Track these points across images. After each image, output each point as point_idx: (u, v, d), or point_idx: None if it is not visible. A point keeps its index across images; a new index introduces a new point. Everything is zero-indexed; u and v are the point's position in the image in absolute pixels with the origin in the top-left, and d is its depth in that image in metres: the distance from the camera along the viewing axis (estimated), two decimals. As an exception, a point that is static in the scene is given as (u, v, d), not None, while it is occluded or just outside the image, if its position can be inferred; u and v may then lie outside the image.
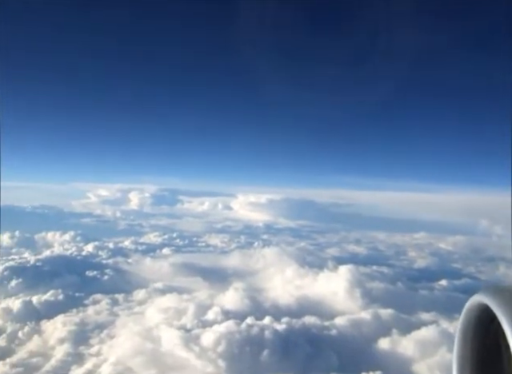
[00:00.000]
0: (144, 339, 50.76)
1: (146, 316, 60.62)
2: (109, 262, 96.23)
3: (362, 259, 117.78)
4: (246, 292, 67.32)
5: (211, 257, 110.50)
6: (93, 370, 47.05)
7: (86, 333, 57.37)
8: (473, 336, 2.84)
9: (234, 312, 57.84)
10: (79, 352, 52.31)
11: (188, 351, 46.42)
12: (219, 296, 66.43)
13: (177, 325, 53.72)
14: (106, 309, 67.10)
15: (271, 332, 48.53)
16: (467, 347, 2.87)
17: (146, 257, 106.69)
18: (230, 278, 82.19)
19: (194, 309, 58.71)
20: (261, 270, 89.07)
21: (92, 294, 73.39)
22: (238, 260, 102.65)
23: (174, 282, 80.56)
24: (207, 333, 48.62)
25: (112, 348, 51.47)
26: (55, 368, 48.33)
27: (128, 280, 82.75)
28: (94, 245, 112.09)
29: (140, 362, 46.02)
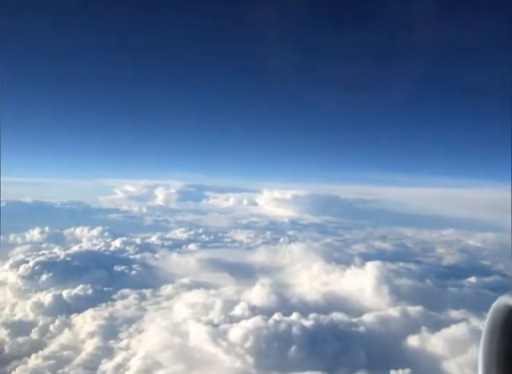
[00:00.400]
0: (172, 334, 51.17)
1: (174, 311, 61.10)
2: (136, 257, 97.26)
3: (389, 255, 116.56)
4: (272, 287, 67.25)
5: (237, 253, 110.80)
6: (122, 364, 47.62)
7: (115, 327, 58.10)
8: (499, 336, 2.84)
9: (260, 308, 57.82)
10: (109, 346, 52.99)
11: (216, 346, 46.60)
12: (246, 291, 66.53)
13: (204, 320, 53.96)
14: (134, 304, 67.86)
15: (299, 328, 48.37)
16: (493, 347, 2.89)
17: (172, 253, 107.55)
18: (256, 274, 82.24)
19: (221, 305, 58.92)
20: (287, 266, 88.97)
21: (120, 289, 74.35)
22: (264, 256, 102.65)
23: (200, 277, 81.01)
24: (235, 329, 48.73)
25: (141, 343, 52.03)
26: (86, 362, 49.02)
27: (155, 276, 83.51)
28: (122, 241, 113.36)
29: (168, 356, 46.39)
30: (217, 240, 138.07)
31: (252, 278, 77.81)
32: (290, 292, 68.24)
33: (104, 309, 64.98)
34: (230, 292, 67.13)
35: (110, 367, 47.50)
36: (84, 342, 54.97)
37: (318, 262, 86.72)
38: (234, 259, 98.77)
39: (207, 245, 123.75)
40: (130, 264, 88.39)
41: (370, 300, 64.87)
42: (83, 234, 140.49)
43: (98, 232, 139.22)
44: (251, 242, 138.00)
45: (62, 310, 65.52)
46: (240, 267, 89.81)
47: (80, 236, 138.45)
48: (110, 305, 67.22)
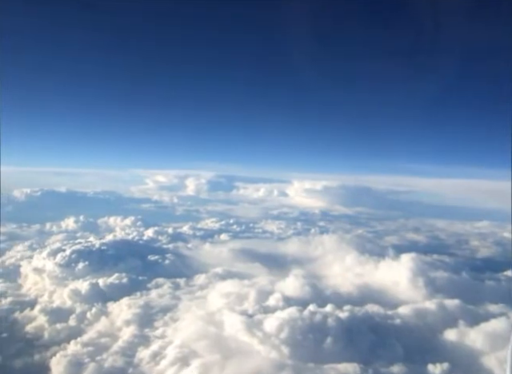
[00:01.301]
0: (207, 323, 51.45)
1: (208, 301, 61.50)
2: (169, 247, 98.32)
3: (422, 247, 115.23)
4: (305, 278, 67.05)
5: (269, 243, 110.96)
6: (159, 352, 48.16)
7: (150, 316, 58.83)
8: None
9: (294, 299, 57.71)
10: (145, 334, 53.70)
11: (251, 336, 46.67)
12: (279, 282, 66.42)
13: (239, 310, 54.12)
14: (168, 293, 68.53)
15: (334, 319, 48.05)
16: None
17: (204, 243, 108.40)
18: (288, 264, 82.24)
19: (255, 295, 59.03)
20: (319, 257, 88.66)
21: (154, 278, 75.24)
22: (295, 247, 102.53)
23: (233, 267, 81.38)
24: (269, 319, 48.68)
25: (176, 331, 52.55)
26: (123, 349, 49.78)
27: (188, 265, 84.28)
28: (154, 230, 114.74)
29: (204, 346, 46.67)
30: (248, 230, 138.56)
31: (285, 269, 77.77)
32: (323, 283, 68.00)
33: (139, 298, 65.82)
34: (263, 282, 67.05)
35: (146, 354, 48.09)
36: (120, 330, 55.84)
37: (351, 253, 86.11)
38: (265, 249, 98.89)
39: (239, 235, 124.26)
40: (164, 254, 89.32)
41: (405, 293, 64.05)
42: (116, 223, 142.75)
43: (131, 222, 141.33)
44: (282, 233, 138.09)
45: (98, 298, 66.74)
46: (272, 257, 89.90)
47: (113, 226, 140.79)
48: (145, 294, 68.05)
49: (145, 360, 47.17)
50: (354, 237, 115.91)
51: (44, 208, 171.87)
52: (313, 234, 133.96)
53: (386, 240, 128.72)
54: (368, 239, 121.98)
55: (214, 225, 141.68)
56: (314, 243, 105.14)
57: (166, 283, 73.14)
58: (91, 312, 62.80)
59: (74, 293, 67.99)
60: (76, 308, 64.62)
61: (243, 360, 42.72)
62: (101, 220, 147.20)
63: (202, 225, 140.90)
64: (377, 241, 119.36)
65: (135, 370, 45.28)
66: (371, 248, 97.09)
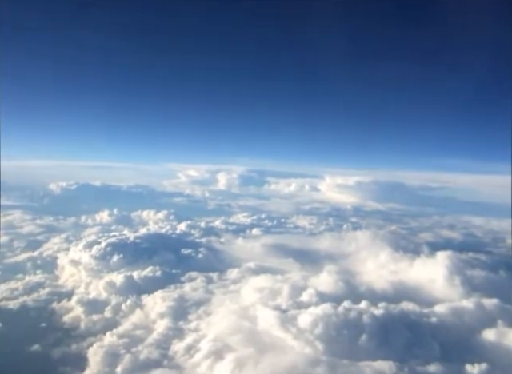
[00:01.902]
0: (241, 317, 51.48)
1: (241, 295, 61.54)
2: (202, 241, 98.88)
3: (458, 245, 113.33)
4: (339, 275, 66.36)
5: (301, 239, 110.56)
6: (193, 345, 48.48)
7: (184, 309, 59.31)
8: None
9: (328, 295, 57.18)
10: (179, 327, 54.21)
11: (285, 331, 46.50)
12: (312, 278, 65.96)
13: (272, 305, 53.92)
14: (201, 287, 68.97)
15: (369, 316, 47.39)
16: None
17: (236, 237, 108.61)
18: (321, 260, 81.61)
19: (289, 290, 58.72)
20: (353, 253, 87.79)
21: (188, 271, 75.86)
22: (328, 243, 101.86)
23: (266, 262, 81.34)
24: (303, 315, 48.38)
25: (210, 325, 52.79)
26: (158, 341, 50.37)
27: (221, 259, 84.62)
28: (187, 224, 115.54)
29: (238, 340, 46.71)
30: (280, 225, 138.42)
31: (317, 264, 77.23)
32: (357, 279, 67.17)
33: (173, 291, 66.38)
34: (296, 277, 66.71)
35: (181, 347, 48.51)
36: (155, 322, 56.49)
37: (385, 250, 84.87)
38: (298, 244, 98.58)
39: (270, 230, 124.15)
40: (197, 248, 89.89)
41: (441, 291, 62.72)
42: (149, 217, 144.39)
43: (164, 216, 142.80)
44: (314, 228, 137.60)
45: (132, 290, 67.67)
46: (305, 253, 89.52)
47: (146, 219, 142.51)
48: (179, 287, 68.64)
49: (179, 353, 47.61)
50: (388, 234, 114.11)
51: (79, 202, 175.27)
52: (345, 230, 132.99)
53: (420, 237, 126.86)
54: (402, 236, 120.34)
55: (245, 220, 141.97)
56: (346, 239, 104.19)
57: (199, 277, 73.66)
58: (126, 304, 63.78)
59: (109, 285, 69.09)
60: (111, 299, 65.72)
61: (277, 355, 42.61)
62: (134, 214, 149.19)
63: (234, 220, 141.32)
64: (411, 238, 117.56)
65: (170, 362, 45.73)
66: (405, 245, 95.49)
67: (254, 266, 78.52)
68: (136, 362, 45.54)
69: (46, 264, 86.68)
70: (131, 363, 45.22)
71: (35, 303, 66.60)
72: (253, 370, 40.53)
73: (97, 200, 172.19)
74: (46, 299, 68.19)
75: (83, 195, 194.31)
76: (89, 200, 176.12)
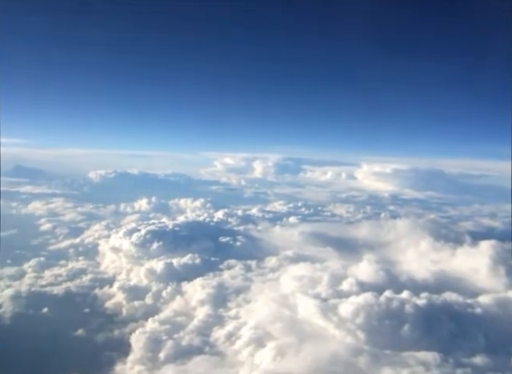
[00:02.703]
0: (281, 305, 51.45)
1: (281, 283, 61.34)
2: (239, 229, 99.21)
3: (500, 234, 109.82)
4: (379, 264, 65.33)
5: (338, 227, 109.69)
6: (233, 332, 48.78)
7: (223, 296, 59.69)
8: None
9: (368, 284, 56.43)
10: (219, 314, 54.58)
11: (326, 320, 46.25)
12: (352, 266, 65.10)
13: (312, 294, 53.54)
14: (240, 274, 69.29)
15: (411, 306, 46.64)
16: None
17: (273, 225, 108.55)
18: (360, 249, 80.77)
19: (328, 279, 58.17)
20: (392, 242, 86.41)
21: (226, 259, 76.26)
22: (366, 231, 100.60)
23: (304, 251, 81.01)
24: (344, 304, 47.98)
25: (249, 313, 52.94)
26: (198, 328, 50.83)
27: (259, 247, 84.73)
28: (224, 212, 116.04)
29: (279, 328, 46.73)
30: (316, 213, 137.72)
31: (356, 253, 76.47)
32: (397, 269, 66.03)
33: (212, 279, 66.84)
34: (335, 266, 66.06)
35: (222, 334, 48.89)
36: (195, 309, 57.04)
37: (425, 239, 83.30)
38: (336, 233, 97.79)
39: (307, 219, 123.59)
40: (234, 236, 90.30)
41: (485, 282, 61.02)
42: (187, 205, 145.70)
43: (201, 204, 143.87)
44: (351, 216, 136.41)
45: (172, 277, 68.46)
46: (343, 241, 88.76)
47: (184, 207, 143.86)
48: (218, 275, 69.07)
49: (220, 340, 47.98)
50: (427, 222, 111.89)
51: (118, 190, 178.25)
52: (383, 218, 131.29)
53: (461, 225, 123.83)
54: (442, 224, 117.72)
55: (282, 208, 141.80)
56: (385, 227, 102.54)
57: (237, 264, 74.01)
58: (166, 290, 64.60)
59: (149, 272, 70.09)
60: (152, 286, 66.65)
61: (319, 344, 42.41)
62: (172, 202, 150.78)
63: (271, 208, 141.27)
64: (451, 227, 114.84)
65: (212, 349, 46.09)
66: (446, 234, 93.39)
67: (292, 254, 78.35)
68: (178, 348, 46.10)
69: (87, 251, 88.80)
70: (173, 349, 45.80)
71: (78, 289, 68.05)
72: (295, 358, 40.45)
73: (135, 189, 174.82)
74: (88, 285, 69.64)
75: (121, 183, 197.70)
76: (127, 189, 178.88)
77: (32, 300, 61.52)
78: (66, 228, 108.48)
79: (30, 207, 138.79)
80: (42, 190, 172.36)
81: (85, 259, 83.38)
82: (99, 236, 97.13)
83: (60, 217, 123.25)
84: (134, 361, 44.82)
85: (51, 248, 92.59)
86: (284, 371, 38.54)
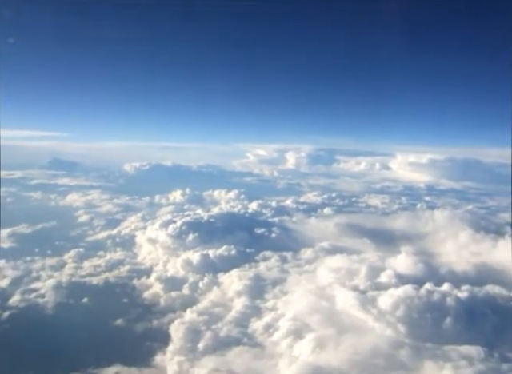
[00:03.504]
0: (318, 297, 51.20)
1: (317, 275, 61.03)
2: (274, 220, 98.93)
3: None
4: (417, 255, 64.38)
5: (374, 218, 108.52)
6: (271, 324, 48.64)
7: (260, 288, 59.56)
8: None
9: (407, 276, 55.56)
10: (256, 306, 54.50)
11: (365, 312, 45.77)
12: (389, 258, 64.30)
13: (349, 286, 53.19)
14: (276, 266, 69.19)
15: (453, 299, 45.70)
16: None
17: (308, 216, 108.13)
18: (397, 240, 79.68)
19: (366, 271, 57.49)
20: (430, 233, 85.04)
21: (262, 251, 76.19)
22: (403, 222, 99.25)
23: (340, 242, 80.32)
24: (383, 296, 47.33)
25: (287, 304, 52.71)
26: (236, 319, 50.88)
27: (294, 239, 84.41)
28: (258, 203, 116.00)
29: (317, 320, 46.42)
30: (351, 204, 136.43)
31: (394, 245, 75.55)
32: (436, 261, 64.96)
33: (248, 270, 66.91)
34: (372, 258, 65.30)
35: (259, 326, 48.82)
36: (232, 300, 57.12)
37: (464, 230, 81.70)
38: (371, 224, 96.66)
39: (342, 210, 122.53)
40: (269, 227, 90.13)
41: (529, 274, 59.50)
42: (221, 196, 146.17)
43: (235, 195, 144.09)
44: (387, 207, 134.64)
45: (209, 268, 68.81)
46: (379, 232, 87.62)
47: (218, 199, 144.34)
48: (254, 266, 69.22)
49: (258, 331, 47.94)
50: (466, 213, 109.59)
51: (152, 181, 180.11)
52: (419, 209, 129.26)
53: (500, 216, 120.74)
54: (480, 215, 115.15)
55: (316, 199, 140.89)
56: (422, 218, 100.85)
57: (273, 256, 73.87)
58: (203, 281, 64.96)
59: (186, 263, 70.61)
60: (189, 277, 67.13)
61: (359, 337, 41.98)
62: (206, 193, 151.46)
63: (305, 199, 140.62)
64: (490, 218, 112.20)
65: (250, 341, 46.09)
66: (485, 225, 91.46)
67: (328, 246, 77.73)
68: (216, 339, 46.22)
69: (124, 242, 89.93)
70: (212, 340, 45.93)
71: (117, 279, 69.11)
72: (334, 350, 40.11)
73: (168, 180, 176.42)
74: (126, 275, 70.62)
75: (155, 175, 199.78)
76: (161, 180, 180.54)
77: (73, 290, 62.79)
78: (103, 220, 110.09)
79: (68, 199, 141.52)
80: (78, 182, 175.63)
81: (122, 250, 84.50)
82: (135, 228, 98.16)
83: (97, 209, 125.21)
84: (173, 351, 45.10)
85: (89, 239, 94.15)
86: (324, 363, 38.24)
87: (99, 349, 46.22)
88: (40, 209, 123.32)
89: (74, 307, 58.44)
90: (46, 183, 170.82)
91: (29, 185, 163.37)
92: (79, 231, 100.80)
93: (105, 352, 45.65)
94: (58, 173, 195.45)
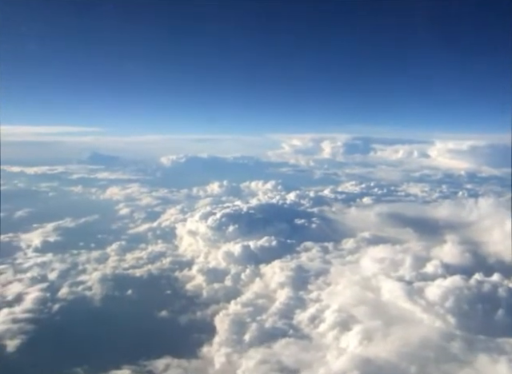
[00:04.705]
0: (363, 288, 50.48)
1: (361, 266, 60.24)
2: (313, 211, 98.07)
3: None
4: (463, 245, 62.98)
5: (415, 207, 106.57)
6: (316, 315, 48.21)
7: (303, 279, 59.11)
8: None
9: (454, 267, 54.32)
10: (300, 297, 54.08)
11: (412, 304, 44.88)
12: (434, 248, 63.08)
13: (395, 276, 52.26)
14: (318, 257, 68.53)
15: (505, 290, 44.35)
16: None
17: (347, 206, 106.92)
18: (441, 230, 77.85)
19: (411, 261, 56.58)
20: (474, 222, 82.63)
21: (302, 241, 75.57)
22: (445, 211, 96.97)
23: (382, 232, 79.22)
24: (431, 287, 46.33)
25: (331, 296, 52.08)
26: (281, 311, 50.59)
27: (335, 229, 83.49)
28: (296, 194, 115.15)
29: (363, 311, 45.75)
30: (390, 193, 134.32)
31: (437, 234, 73.93)
32: (483, 250, 63.29)
33: (290, 261, 66.45)
34: (416, 248, 64.17)
35: (305, 317, 48.45)
36: (275, 292, 56.86)
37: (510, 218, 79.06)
38: (413, 213, 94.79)
39: (381, 199, 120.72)
40: (309, 218, 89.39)
41: None
42: (258, 187, 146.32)
43: (272, 186, 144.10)
44: (427, 196, 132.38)
45: (250, 260, 68.76)
46: (422, 222, 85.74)
47: (255, 190, 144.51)
48: (295, 257, 68.63)
49: (304, 323, 47.57)
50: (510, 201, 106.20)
51: (189, 174, 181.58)
52: (461, 197, 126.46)
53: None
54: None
55: (354, 189, 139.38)
56: (465, 207, 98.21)
57: (314, 247, 73.27)
58: (245, 273, 64.97)
59: (227, 255, 70.72)
60: (230, 269, 67.22)
61: (407, 328, 41.18)
62: (243, 185, 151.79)
63: (343, 189, 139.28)
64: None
65: (296, 332, 45.79)
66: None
67: (370, 236, 76.81)
68: (262, 331, 46.11)
69: (165, 235, 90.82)
70: (258, 331, 45.86)
71: (159, 271, 69.81)
72: (382, 342, 39.47)
73: (205, 172, 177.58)
74: (168, 267, 71.22)
75: (192, 167, 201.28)
76: (198, 172, 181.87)
77: (117, 283, 63.74)
78: (143, 213, 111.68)
79: (108, 192, 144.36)
80: (117, 176, 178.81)
81: (163, 242, 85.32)
82: (175, 220, 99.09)
83: (136, 202, 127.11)
84: (220, 343, 45.21)
85: (130, 231, 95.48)
86: (372, 355, 37.67)
87: (147, 341, 46.61)
88: (82, 203, 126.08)
89: (119, 299, 59.35)
90: (86, 177, 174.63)
91: (70, 180, 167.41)
92: (120, 224, 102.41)
93: (153, 344, 46.06)
94: (97, 168, 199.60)
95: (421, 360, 36.04)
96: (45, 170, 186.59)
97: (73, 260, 73.44)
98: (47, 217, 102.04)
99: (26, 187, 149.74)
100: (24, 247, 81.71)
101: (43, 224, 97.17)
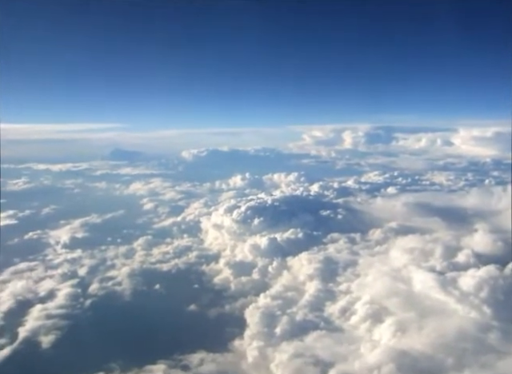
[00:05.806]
0: (394, 279, 49.78)
1: (390, 256, 59.29)
2: (338, 201, 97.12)
3: None
4: (494, 234, 61.51)
5: (441, 196, 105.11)
6: (347, 307, 47.79)
7: (331, 271, 58.53)
8: None
9: (486, 256, 53.04)
10: (329, 289, 53.65)
11: (446, 294, 44.11)
12: (464, 237, 61.88)
13: (426, 267, 51.34)
14: (345, 248, 67.80)
15: (542, 279, 43.41)
16: None
17: (371, 196, 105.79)
18: (470, 218, 76.69)
19: (441, 251, 55.45)
20: (504, 210, 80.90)
21: (329, 233, 74.95)
22: (473, 199, 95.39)
23: (409, 222, 77.97)
24: (464, 277, 45.49)
25: (361, 287, 51.49)
26: (311, 303, 50.21)
27: (361, 220, 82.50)
28: (319, 185, 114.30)
29: (395, 303, 45.21)
30: (414, 182, 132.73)
31: (466, 223, 72.79)
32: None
33: (317, 253, 65.83)
34: (446, 237, 62.78)
35: (335, 309, 48.06)
36: (304, 284, 56.45)
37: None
38: (440, 202, 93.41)
39: (406, 188, 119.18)
40: (334, 209, 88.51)
41: None
42: (281, 180, 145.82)
43: (295, 178, 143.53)
44: (452, 184, 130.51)
45: (277, 253, 68.37)
46: (450, 211, 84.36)
47: (278, 182, 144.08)
48: (322, 249, 68.00)
49: (335, 315, 47.18)
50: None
51: (211, 167, 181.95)
52: (488, 185, 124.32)
53: None
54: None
55: (378, 179, 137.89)
56: (493, 194, 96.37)
57: (341, 238, 72.55)
58: (272, 266, 64.73)
59: (253, 248, 70.52)
60: (257, 262, 67.03)
61: (442, 319, 40.52)
62: (265, 177, 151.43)
63: (366, 179, 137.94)
64: None
65: (327, 325, 45.38)
66: None
67: (397, 226, 75.68)
68: (293, 323, 45.75)
69: (190, 229, 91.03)
70: (289, 324, 45.51)
71: (186, 265, 70.04)
72: (417, 334, 38.94)
73: (227, 165, 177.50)
74: (195, 261, 71.41)
75: (213, 161, 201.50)
76: (219, 166, 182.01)
77: (145, 277, 64.24)
78: (167, 207, 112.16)
79: (132, 188, 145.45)
80: (140, 171, 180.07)
81: (189, 236, 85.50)
82: (199, 214, 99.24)
83: (160, 197, 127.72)
84: (251, 336, 45.02)
85: (155, 226, 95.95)
86: (407, 347, 37.17)
87: (179, 335, 46.77)
88: (106, 199, 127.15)
89: (148, 294, 59.71)
90: (110, 173, 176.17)
91: (94, 176, 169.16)
92: (145, 219, 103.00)
93: (185, 338, 46.22)
94: (119, 163, 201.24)
95: (457, 352, 35.47)
96: (69, 167, 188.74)
97: (101, 256, 74.13)
98: (74, 214, 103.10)
99: (52, 184, 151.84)
100: (53, 243, 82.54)
101: (70, 221, 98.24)
